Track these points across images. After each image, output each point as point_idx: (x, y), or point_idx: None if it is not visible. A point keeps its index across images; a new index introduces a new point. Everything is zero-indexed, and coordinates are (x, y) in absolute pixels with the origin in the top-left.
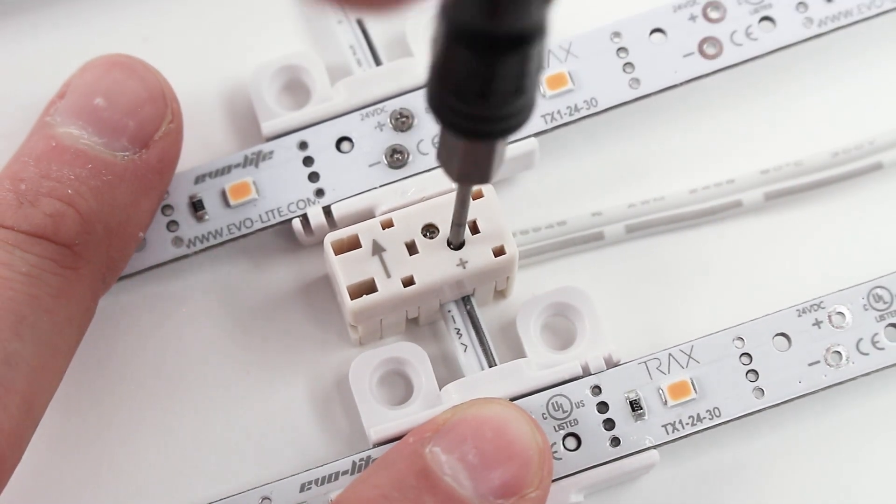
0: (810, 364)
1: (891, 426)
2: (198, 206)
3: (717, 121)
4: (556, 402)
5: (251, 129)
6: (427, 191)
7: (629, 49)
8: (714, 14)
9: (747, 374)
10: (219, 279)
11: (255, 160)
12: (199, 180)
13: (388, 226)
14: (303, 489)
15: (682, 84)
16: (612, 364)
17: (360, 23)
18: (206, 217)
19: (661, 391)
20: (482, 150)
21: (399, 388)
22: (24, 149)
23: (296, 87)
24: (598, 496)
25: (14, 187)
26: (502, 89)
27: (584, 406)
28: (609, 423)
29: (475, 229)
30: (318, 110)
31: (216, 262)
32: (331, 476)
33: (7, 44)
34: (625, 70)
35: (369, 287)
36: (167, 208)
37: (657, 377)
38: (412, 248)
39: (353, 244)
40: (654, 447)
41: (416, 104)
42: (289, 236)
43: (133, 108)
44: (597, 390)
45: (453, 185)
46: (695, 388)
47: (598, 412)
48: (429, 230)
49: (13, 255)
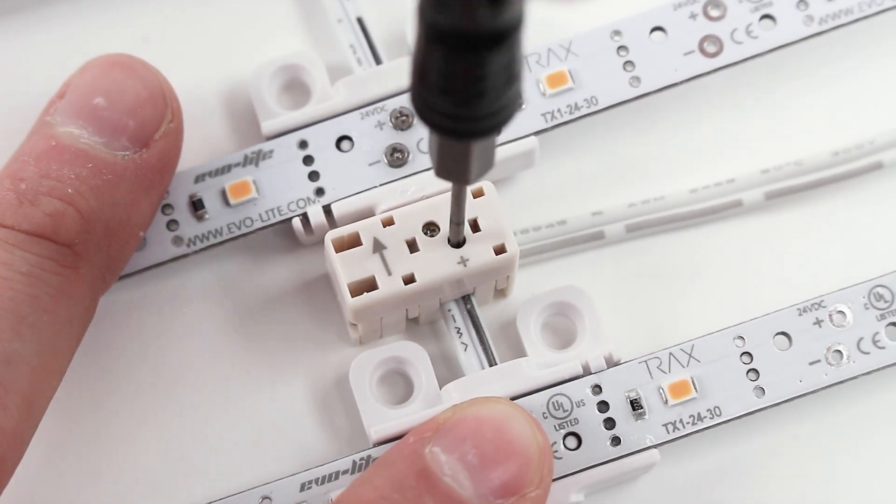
0: (811, 363)
1: (892, 425)
2: (198, 206)
3: (718, 120)
4: (557, 401)
5: (251, 129)
6: (427, 190)
7: (629, 47)
8: (714, 12)
9: (748, 373)
10: (219, 278)
11: (255, 159)
12: (199, 179)
13: (388, 223)
14: (303, 489)
15: (682, 82)
16: (612, 363)
17: (360, 22)
18: (206, 216)
19: (661, 390)
20: (457, 148)
21: (399, 387)
22: (24, 148)
23: (296, 87)
24: (598, 495)
25: (14, 187)
26: (462, 89)
27: (584, 405)
28: (609, 423)
29: (476, 227)
30: (318, 109)
31: (216, 262)
32: (331, 475)
33: (7, 43)
34: (625, 68)
35: (370, 285)
36: (167, 207)
37: (658, 376)
38: (413, 246)
39: (354, 242)
40: (655, 446)
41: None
42: (289, 235)
43: (133, 107)
44: (597, 389)
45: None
46: (695, 388)
47: (599, 411)
48: (429, 228)
49: (13, 254)
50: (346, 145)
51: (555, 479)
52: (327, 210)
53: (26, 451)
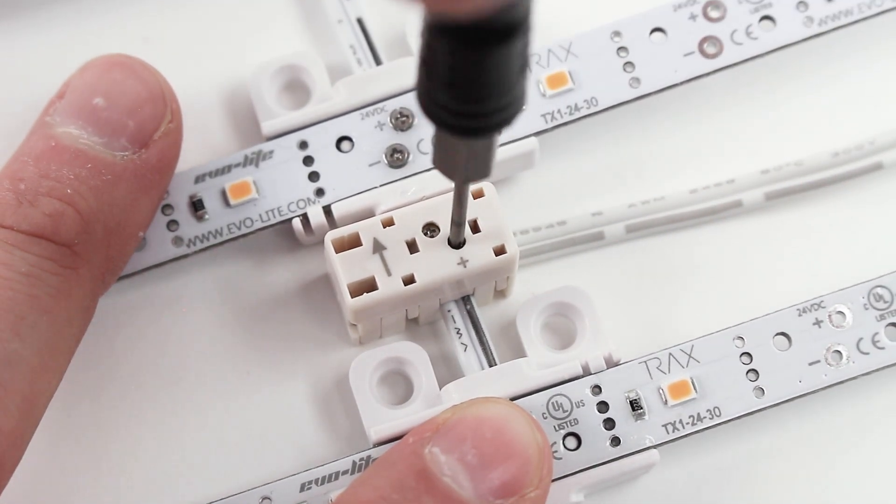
0: (811, 363)
1: (891, 425)
2: (198, 206)
3: (718, 120)
4: (557, 401)
5: (251, 129)
6: (427, 190)
7: (629, 48)
8: (714, 13)
9: (748, 373)
10: (219, 279)
11: (256, 160)
12: (199, 180)
13: (388, 224)
14: (303, 489)
15: (682, 83)
16: (612, 363)
17: (360, 22)
18: (206, 216)
19: (661, 391)
20: (461, 146)
21: (399, 387)
22: (24, 148)
23: (296, 87)
24: (598, 496)
25: (13, 187)
26: (468, 85)
27: (584, 406)
28: (609, 423)
29: (476, 228)
30: (318, 110)
31: (216, 262)
32: (331, 476)
33: (7, 44)
34: (625, 69)
35: (370, 285)
36: (167, 208)
37: (657, 377)
38: (413, 247)
39: (354, 242)
40: (655, 447)
41: (416, 104)
42: (289, 236)
43: (132, 107)
44: (597, 390)
45: (454, 184)
46: (695, 388)
47: (599, 412)
48: (429, 229)
49: (13, 254)
50: (346, 146)
51: (554, 480)
52: (327, 210)
53: (26, 451)
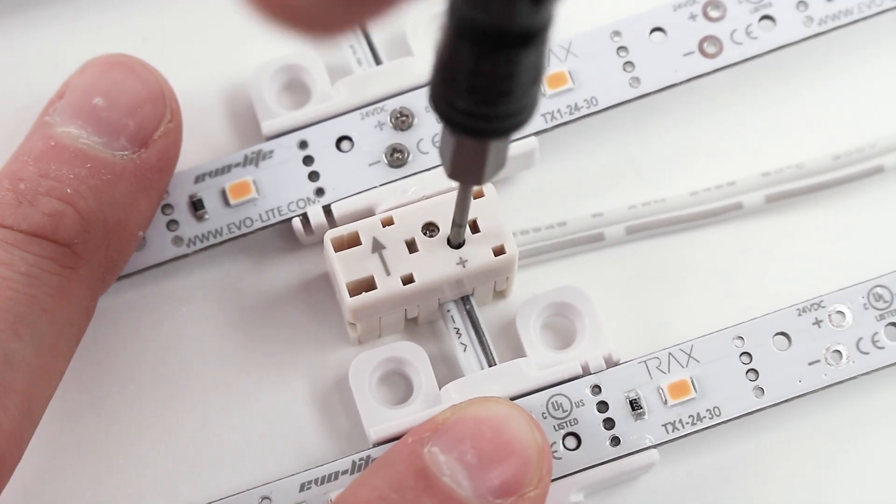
0: (810, 363)
1: (891, 425)
2: (198, 206)
3: (718, 121)
4: (556, 401)
5: (251, 129)
6: (427, 190)
7: (629, 48)
8: (714, 13)
9: (747, 373)
10: (219, 278)
11: (255, 159)
12: (199, 179)
13: (388, 223)
14: (303, 489)
15: (682, 83)
16: (611, 363)
17: None
18: (206, 216)
19: (661, 390)
20: (475, 149)
21: (399, 387)
22: (24, 148)
23: (296, 87)
24: (597, 496)
25: (13, 187)
26: (488, 87)
27: (583, 405)
28: (609, 423)
29: (475, 228)
30: (318, 109)
31: (216, 262)
32: (331, 476)
33: (7, 43)
34: (625, 69)
35: (369, 284)
36: (167, 207)
37: (657, 376)
38: (412, 247)
39: (353, 241)
40: (654, 446)
41: (417, 103)
42: (289, 235)
43: (132, 107)
44: (597, 390)
45: (454, 184)
46: (695, 388)
47: (598, 411)
48: (429, 228)
49: (12, 254)
50: (346, 145)
51: (554, 479)
52: (327, 210)
53: (26, 451)
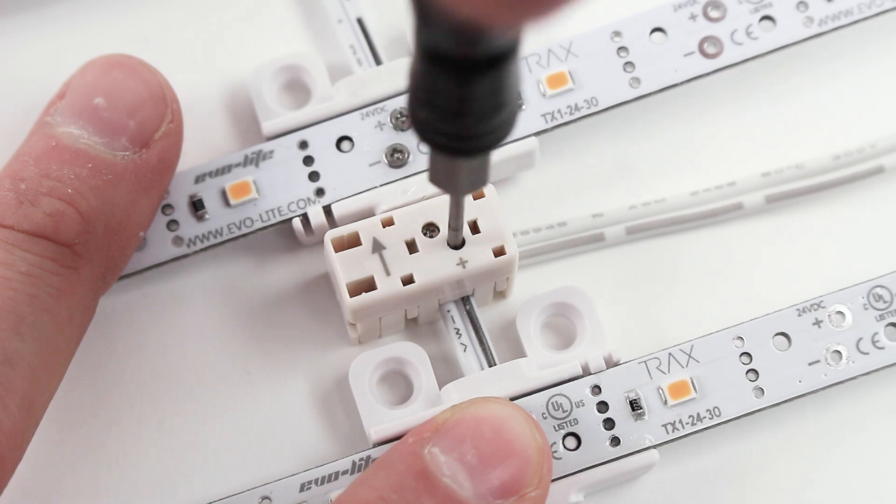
0: (810, 363)
1: (891, 425)
2: (198, 206)
3: (719, 122)
4: (556, 401)
5: (251, 129)
6: (427, 191)
7: (629, 48)
8: (714, 13)
9: (747, 373)
10: (219, 279)
11: (256, 159)
12: (200, 180)
13: (388, 224)
14: (303, 489)
15: (682, 83)
16: (611, 364)
17: (360, 22)
18: (207, 216)
19: (661, 391)
20: (446, 163)
21: (399, 387)
22: (24, 148)
23: (296, 87)
24: (597, 496)
25: (14, 187)
26: (447, 108)
27: (583, 406)
28: (609, 423)
29: (475, 229)
30: (318, 110)
31: (216, 262)
32: (331, 476)
33: (7, 43)
34: (625, 69)
35: (369, 285)
36: (167, 208)
37: (657, 377)
38: (412, 247)
39: (354, 242)
40: (654, 447)
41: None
42: (289, 236)
43: (133, 107)
44: (597, 390)
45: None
46: (695, 388)
47: (598, 412)
48: (429, 229)
49: (13, 254)
50: (346, 146)
51: (554, 480)
52: (327, 210)
53: (26, 451)
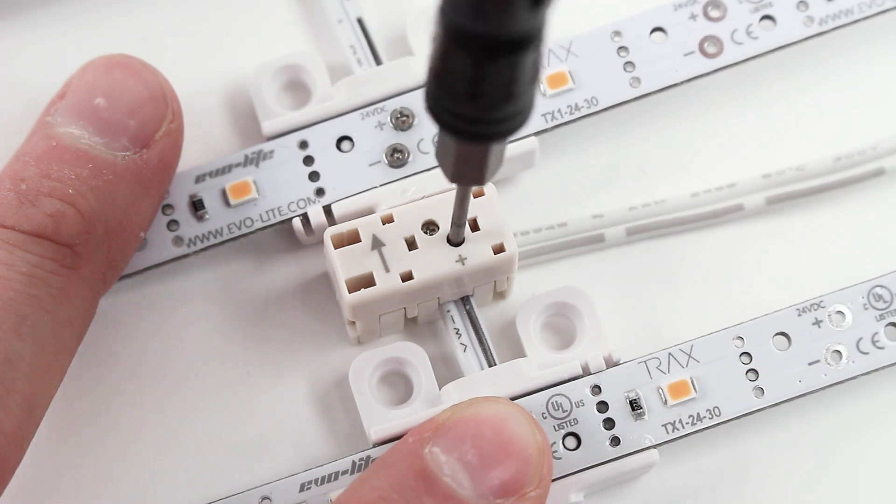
0: (810, 363)
1: (891, 425)
2: (198, 206)
3: (719, 122)
4: (556, 401)
5: (252, 129)
6: (427, 190)
7: (630, 48)
8: (715, 13)
9: (747, 373)
10: (219, 279)
11: (256, 159)
12: (200, 180)
13: (388, 221)
14: (303, 489)
15: (682, 83)
16: (611, 363)
17: (360, 22)
18: (207, 216)
19: (660, 390)
20: (476, 151)
21: (399, 387)
22: (25, 148)
23: (296, 87)
24: (598, 495)
25: (15, 187)
26: (492, 93)
27: (583, 405)
28: (609, 423)
29: (475, 227)
30: (318, 110)
31: (216, 262)
32: (331, 476)
33: (7, 43)
34: (625, 69)
35: (368, 281)
36: (167, 208)
37: (657, 376)
38: (412, 244)
39: (353, 238)
40: (654, 446)
41: (417, 103)
42: (289, 236)
43: (134, 107)
44: (597, 390)
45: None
46: (695, 388)
47: (598, 412)
48: (429, 226)
49: (14, 254)
50: (346, 145)
51: (554, 479)
52: (327, 210)
53: (27, 451)
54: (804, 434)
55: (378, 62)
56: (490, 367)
